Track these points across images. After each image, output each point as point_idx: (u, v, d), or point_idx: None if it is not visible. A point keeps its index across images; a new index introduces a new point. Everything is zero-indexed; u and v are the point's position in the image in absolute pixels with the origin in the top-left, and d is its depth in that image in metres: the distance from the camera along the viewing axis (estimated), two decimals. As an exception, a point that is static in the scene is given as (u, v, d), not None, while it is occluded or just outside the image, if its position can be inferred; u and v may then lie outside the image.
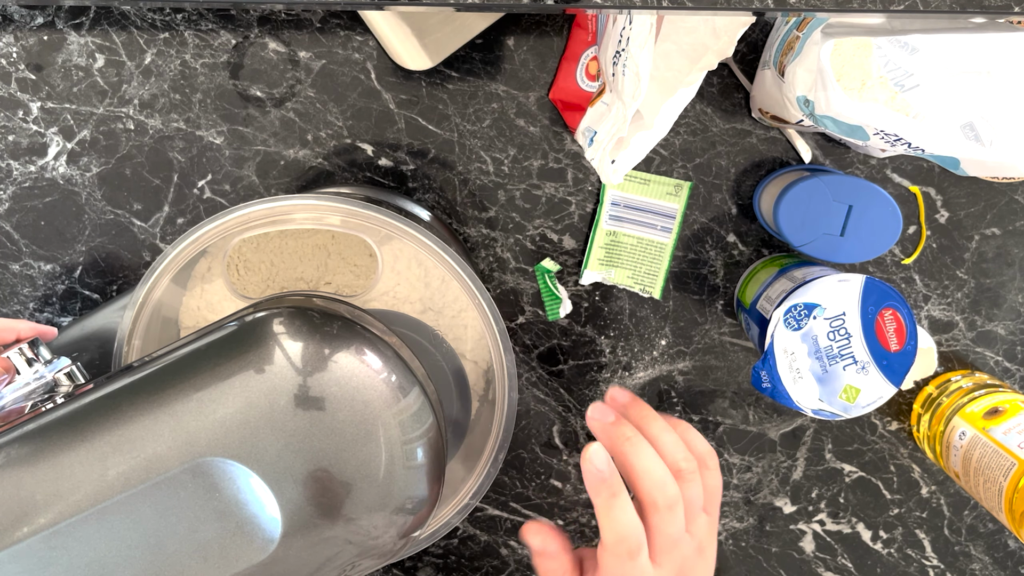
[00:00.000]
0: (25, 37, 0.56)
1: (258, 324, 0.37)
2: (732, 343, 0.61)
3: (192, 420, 0.35)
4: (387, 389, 0.37)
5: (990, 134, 0.44)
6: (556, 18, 0.57)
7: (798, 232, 0.54)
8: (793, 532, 0.63)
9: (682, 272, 0.60)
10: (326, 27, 0.57)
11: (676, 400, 0.62)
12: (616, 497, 0.39)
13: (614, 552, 0.39)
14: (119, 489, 0.34)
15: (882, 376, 0.50)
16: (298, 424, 0.35)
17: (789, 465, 0.62)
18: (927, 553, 0.63)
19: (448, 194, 0.59)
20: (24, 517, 0.34)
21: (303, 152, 0.58)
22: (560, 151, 0.59)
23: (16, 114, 0.57)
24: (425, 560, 0.64)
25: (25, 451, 0.34)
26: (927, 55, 0.43)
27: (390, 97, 0.58)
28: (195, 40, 0.57)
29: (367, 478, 0.36)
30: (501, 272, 0.60)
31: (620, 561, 0.39)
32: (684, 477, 0.41)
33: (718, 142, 0.58)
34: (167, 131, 0.58)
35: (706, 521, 0.42)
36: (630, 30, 0.44)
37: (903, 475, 0.62)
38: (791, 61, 0.47)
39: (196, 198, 0.59)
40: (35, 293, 0.60)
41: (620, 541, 0.39)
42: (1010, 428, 0.52)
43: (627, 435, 0.41)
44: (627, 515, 0.39)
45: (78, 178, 0.58)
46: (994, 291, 0.60)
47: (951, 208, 0.59)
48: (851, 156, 0.58)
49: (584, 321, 0.61)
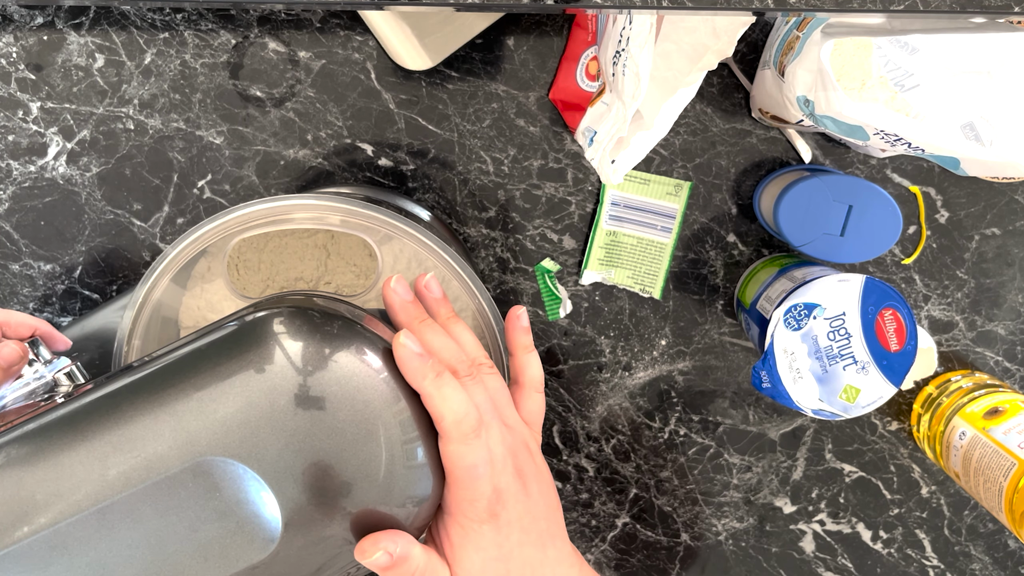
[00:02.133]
0: (25, 37, 0.56)
1: (258, 324, 0.37)
2: (732, 343, 0.61)
3: (192, 419, 0.35)
4: (387, 389, 0.37)
5: (990, 134, 0.44)
6: (556, 18, 0.57)
7: (798, 232, 0.54)
8: (793, 532, 0.63)
9: (682, 272, 0.60)
10: (326, 27, 0.57)
11: (676, 400, 0.62)
12: (441, 375, 0.37)
13: (459, 435, 0.37)
14: (119, 489, 0.34)
15: (882, 376, 0.50)
16: (298, 424, 0.35)
17: (789, 465, 0.62)
18: (927, 553, 0.63)
19: (448, 194, 0.59)
20: (24, 517, 0.34)
21: (303, 152, 0.58)
22: (560, 151, 0.59)
23: (16, 114, 0.57)
24: (425, 560, 0.64)
25: (25, 451, 0.34)
26: (927, 55, 0.43)
27: (390, 97, 0.58)
28: (195, 40, 0.57)
29: (367, 477, 0.36)
30: (501, 272, 0.60)
31: (467, 443, 0.37)
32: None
33: (718, 142, 0.59)
34: (167, 131, 0.58)
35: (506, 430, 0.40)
36: (630, 30, 0.44)
37: (903, 475, 0.62)
38: (791, 61, 0.47)
39: (196, 198, 0.59)
40: (35, 293, 0.59)
41: (461, 420, 0.37)
42: (1010, 428, 0.52)
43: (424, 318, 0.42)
44: (459, 392, 0.37)
45: (78, 178, 0.58)
46: (994, 291, 0.60)
47: (951, 208, 0.59)
48: (851, 156, 0.58)
49: (584, 321, 0.61)
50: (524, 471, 0.40)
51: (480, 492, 0.37)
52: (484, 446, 0.37)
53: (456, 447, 0.37)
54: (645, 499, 0.63)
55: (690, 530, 0.63)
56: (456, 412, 0.37)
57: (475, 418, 0.37)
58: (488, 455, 0.38)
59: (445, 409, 0.37)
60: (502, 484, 0.38)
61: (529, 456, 0.40)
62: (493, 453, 0.38)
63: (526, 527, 0.39)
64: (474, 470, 0.37)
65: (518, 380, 0.45)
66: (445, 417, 0.37)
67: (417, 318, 0.42)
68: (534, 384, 0.44)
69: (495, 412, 0.40)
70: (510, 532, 0.38)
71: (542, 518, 0.40)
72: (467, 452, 0.37)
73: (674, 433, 0.62)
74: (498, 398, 0.41)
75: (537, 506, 0.40)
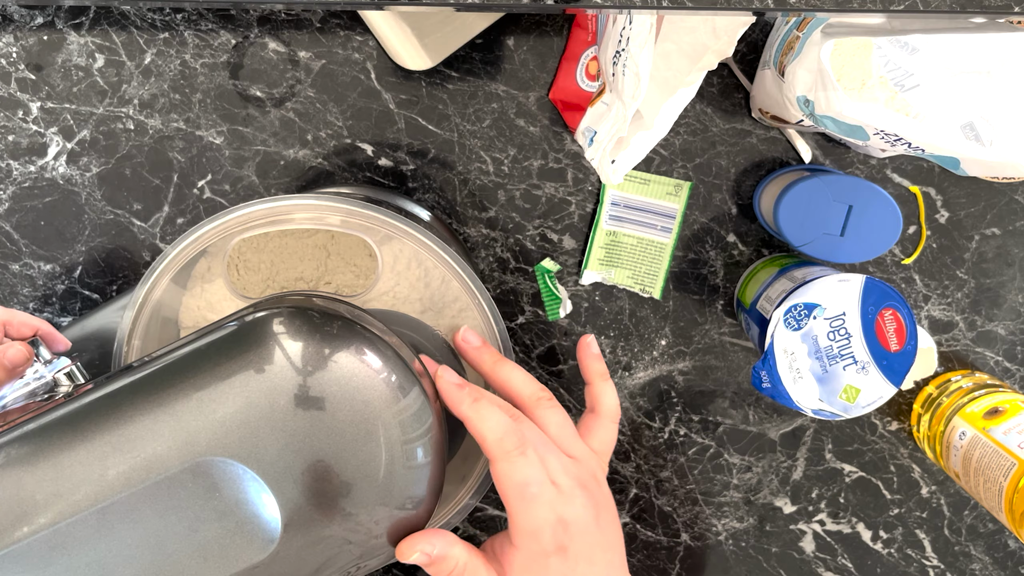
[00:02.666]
0: (25, 37, 0.56)
1: (258, 324, 0.37)
2: (732, 343, 0.61)
3: (192, 420, 0.35)
4: (387, 389, 0.37)
5: (990, 134, 0.44)
6: (556, 18, 0.57)
7: (798, 232, 0.54)
8: (793, 532, 0.63)
9: (682, 272, 0.60)
10: (326, 27, 0.57)
11: (676, 400, 0.62)
12: (480, 400, 0.38)
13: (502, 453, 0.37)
14: (119, 489, 0.34)
15: (882, 376, 0.50)
16: (298, 424, 0.35)
17: (789, 465, 0.62)
18: (927, 553, 0.63)
19: (448, 194, 0.59)
20: (24, 517, 0.34)
21: (303, 152, 0.58)
22: (560, 151, 0.59)
23: (16, 114, 0.57)
24: (425, 560, 0.64)
25: (25, 451, 0.34)
26: (927, 55, 0.43)
27: (390, 97, 0.58)
28: (195, 40, 0.57)
29: (367, 478, 0.36)
30: (501, 272, 0.60)
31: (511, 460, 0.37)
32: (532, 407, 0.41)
33: (718, 142, 0.59)
34: (167, 131, 0.58)
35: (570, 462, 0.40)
36: (630, 30, 0.44)
37: (903, 475, 0.62)
38: (791, 61, 0.47)
39: (196, 198, 0.59)
40: (35, 293, 0.60)
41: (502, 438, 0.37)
42: (1010, 428, 0.52)
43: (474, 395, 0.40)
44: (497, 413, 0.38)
45: (78, 178, 0.58)
46: (994, 291, 0.60)
47: (951, 208, 0.59)
48: (851, 156, 0.58)
49: (584, 321, 0.61)
50: (598, 503, 0.39)
51: (541, 519, 0.37)
52: (533, 464, 0.37)
53: (502, 465, 0.37)
54: (645, 499, 0.63)
55: (690, 530, 0.63)
56: (495, 431, 0.37)
57: (517, 436, 0.37)
58: (542, 475, 0.37)
59: (485, 429, 0.38)
60: (569, 515, 0.38)
61: (598, 487, 0.40)
62: (558, 484, 0.38)
63: (593, 559, 0.38)
64: (525, 488, 0.37)
65: (594, 408, 0.44)
66: (486, 437, 0.38)
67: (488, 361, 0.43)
68: (609, 414, 0.44)
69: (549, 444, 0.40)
70: (576, 564, 0.38)
71: (609, 549, 0.39)
72: (513, 469, 0.37)
73: (674, 433, 0.62)
74: (561, 432, 0.41)
75: (605, 538, 0.39)
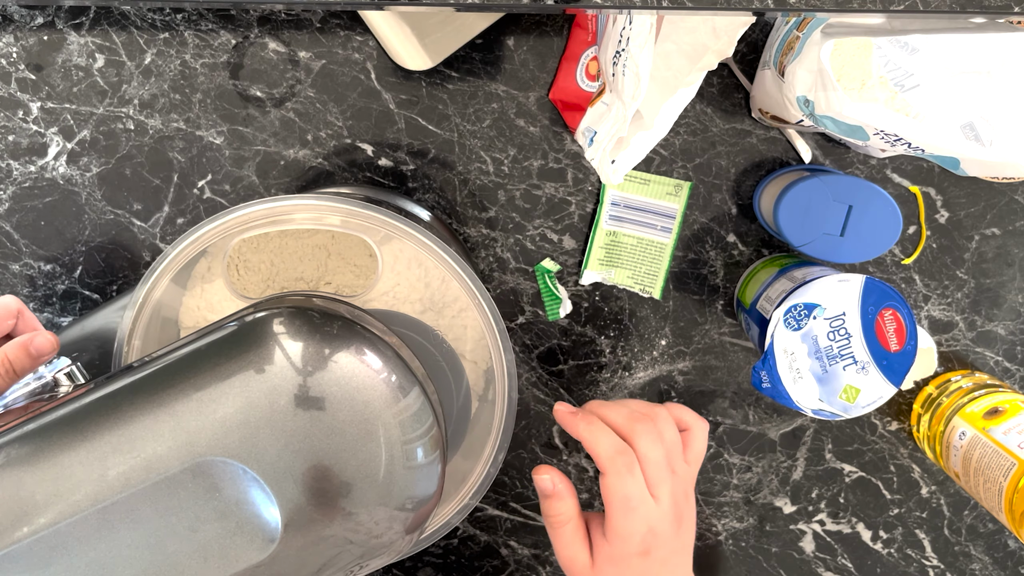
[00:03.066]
0: (25, 37, 0.56)
1: (258, 324, 0.37)
2: (732, 343, 0.61)
3: (192, 420, 0.35)
4: (387, 389, 0.37)
5: (990, 134, 0.44)
6: (556, 18, 0.57)
7: (798, 232, 0.54)
8: (793, 532, 0.63)
9: (682, 272, 0.60)
10: (326, 27, 0.57)
11: (676, 400, 0.62)
12: (594, 422, 0.43)
13: (613, 469, 0.42)
14: (119, 489, 0.34)
15: (882, 376, 0.50)
16: (298, 424, 0.35)
17: (789, 465, 0.62)
18: (927, 553, 0.63)
19: (448, 194, 0.59)
20: (24, 517, 0.34)
21: (303, 152, 0.58)
22: (560, 151, 0.59)
23: (16, 114, 0.57)
24: (425, 560, 0.64)
25: (25, 451, 0.34)
26: (927, 55, 0.43)
27: (390, 97, 0.58)
28: (195, 40, 0.57)
29: (367, 478, 0.36)
30: (501, 272, 0.60)
31: (620, 477, 0.42)
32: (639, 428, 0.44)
33: (718, 142, 0.59)
34: (167, 131, 0.58)
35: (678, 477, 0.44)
36: (630, 30, 0.44)
37: (903, 475, 0.62)
38: (791, 61, 0.47)
39: (196, 198, 0.59)
40: (35, 293, 0.60)
41: (614, 457, 0.42)
42: (1010, 428, 0.52)
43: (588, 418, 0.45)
44: (609, 435, 0.43)
45: (78, 178, 0.58)
46: (994, 291, 0.60)
47: (951, 208, 0.59)
48: (851, 156, 0.58)
49: (584, 321, 0.61)
50: (682, 516, 0.44)
51: (635, 529, 0.42)
52: (637, 482, 0.42)
53: (611, 479, 0.42)
54: (645, 499, 0.63)
55: (690, 530, 0.63)
56: (607, 450, 0.42)
57: (629, 455, 0.42)
58: (643, 492, 0.42)
59: (599, 448, 0.42)
60: (660, 528, 0.42)
61: (687, 501, 0.45)
62: (661, 504, 0.42)
63: (668, 561, 0.43)
64: (628, 502, 0.42)
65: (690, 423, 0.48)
66: (600, 455, 0.42)
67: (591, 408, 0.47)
68: (704, 425, 0.47)
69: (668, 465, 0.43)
70: (654, 564, 0.43)
71: (682, 553, 0.45)
72: (620, 485, 0.42)
73: (674, 433, 0.62)
74: (672, 449, 0.44)
75: (682, 543, 0.44)
